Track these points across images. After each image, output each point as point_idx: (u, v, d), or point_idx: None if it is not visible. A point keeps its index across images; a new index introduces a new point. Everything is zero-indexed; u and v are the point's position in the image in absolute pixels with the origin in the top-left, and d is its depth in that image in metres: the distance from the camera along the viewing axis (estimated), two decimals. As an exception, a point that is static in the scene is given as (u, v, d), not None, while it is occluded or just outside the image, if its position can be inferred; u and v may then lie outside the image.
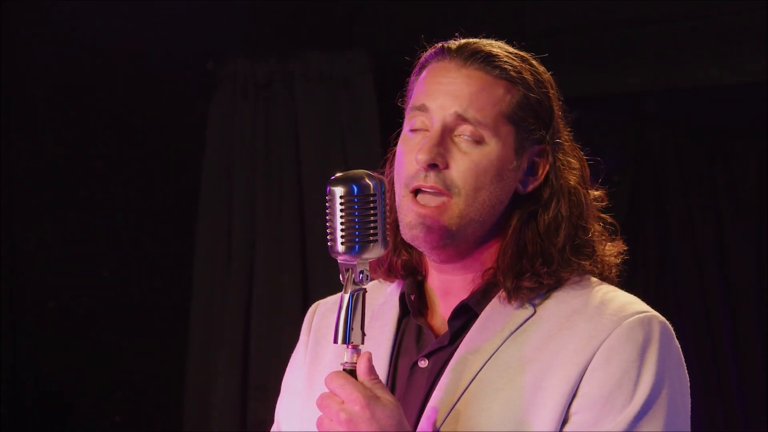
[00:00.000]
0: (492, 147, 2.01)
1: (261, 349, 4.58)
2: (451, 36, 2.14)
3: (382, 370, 2.06)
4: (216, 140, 4.71)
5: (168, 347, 4.69)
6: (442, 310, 2.10)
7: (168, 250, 4.73)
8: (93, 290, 4.56)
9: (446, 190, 2.00)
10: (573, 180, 2.08)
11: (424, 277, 2.13)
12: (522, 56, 2.09)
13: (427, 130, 2.03)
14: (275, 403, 2.27)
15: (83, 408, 4.56)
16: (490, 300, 2.05)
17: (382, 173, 2.11)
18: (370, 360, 1.89)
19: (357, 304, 1.90)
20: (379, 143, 4.46)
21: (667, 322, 2.03)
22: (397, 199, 2.05)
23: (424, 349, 2.06)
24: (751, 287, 5.18)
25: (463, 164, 2.00)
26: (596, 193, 2.14)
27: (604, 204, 2.15)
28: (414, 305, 2.10)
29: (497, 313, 2.03)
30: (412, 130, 2.06)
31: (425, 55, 2.11)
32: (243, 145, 4.69)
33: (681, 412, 2.00)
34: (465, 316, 2.05)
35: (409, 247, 2.11)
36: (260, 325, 4.60)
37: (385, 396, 1.88)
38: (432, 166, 2.00)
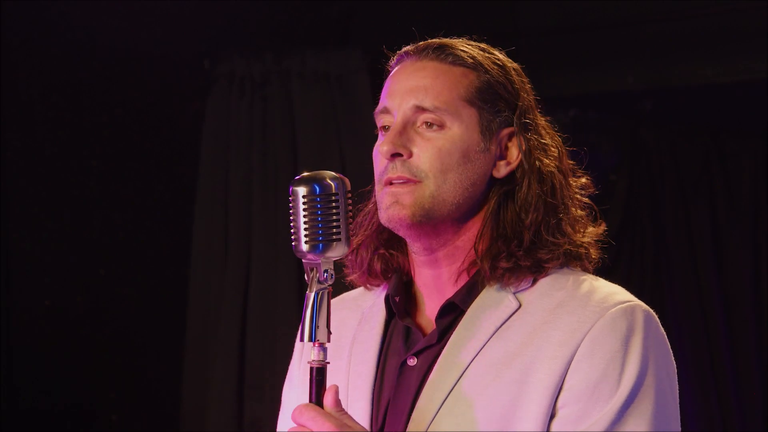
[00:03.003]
0: (454, 130, 2.05)
1: (257, 347, 4.57)
2: (447, 35, 2.16)
3: (369, 370, 2.09)
4: (212, 139, 4.71)
5: (164, 346, 4.69)
6: (429, 309, 2.11)
7: (164, 249, 4.73)
8: (89, 289, 4.55)
9: (413, 177, 2.04)
10: (548, 162, 2.09)
11: (411, 278, 2.14)
12: (482, 47, 2.13)
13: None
14: (271, 401, 2.27)
15: (79, 407, 4.56)
16: (476, 296, 2.06)
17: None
18: (336, 393, 1.90)
19: (322, 303, 1.92)
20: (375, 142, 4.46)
21: (651, 311, 2.04)
22: (375, 195, 2.10)
23: (413, 348, 2.07)
24: (747, 285, 5.19)
25: (426, 150, 2.04)
26: (581, 180, 2.15)
27: (590, 191, 2.15)
28: (399, 307, 2.12)
29: (483, 310, 2.04)
30: (381, 130, 2.11)
31: (390, 63, 2.16)
32: (239, 143, 4.69)
33: (669, 399, 2.00)
34: (452, 313, 2.07)
35: (389, 247, 2.14)
36: (256, 324, 4.60)
37: (355, 425, 1.90)
38: (396, 155, 2.05)
